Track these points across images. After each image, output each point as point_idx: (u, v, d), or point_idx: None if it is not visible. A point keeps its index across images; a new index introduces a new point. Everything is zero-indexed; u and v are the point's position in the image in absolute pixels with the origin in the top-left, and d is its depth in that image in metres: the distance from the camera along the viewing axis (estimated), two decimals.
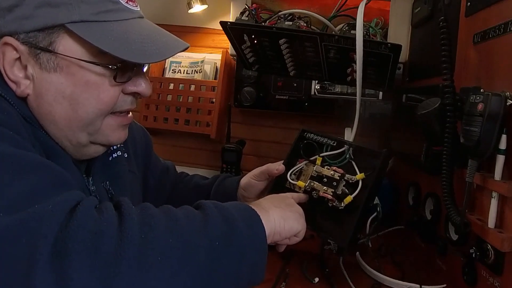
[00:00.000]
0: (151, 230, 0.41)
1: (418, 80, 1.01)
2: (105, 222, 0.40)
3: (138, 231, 0.40)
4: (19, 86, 0.53)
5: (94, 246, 0.37)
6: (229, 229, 0.46)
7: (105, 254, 0.37)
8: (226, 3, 1.27)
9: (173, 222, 0.43)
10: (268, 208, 0.57)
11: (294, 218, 0.60)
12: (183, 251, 0.41)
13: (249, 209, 0.52)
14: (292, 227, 0.59)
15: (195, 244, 0.42)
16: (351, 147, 0.81)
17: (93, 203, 0.42)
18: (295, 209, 0.63)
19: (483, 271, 0.64)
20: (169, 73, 1.47)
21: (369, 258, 0.84)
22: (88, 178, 0.64)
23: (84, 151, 0.60)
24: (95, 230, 0.38)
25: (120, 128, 0.62)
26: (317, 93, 1.21)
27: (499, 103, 0.56)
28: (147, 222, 0.42)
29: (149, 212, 0.44)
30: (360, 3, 0.86)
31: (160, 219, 0.43)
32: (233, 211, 0.49)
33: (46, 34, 0.52)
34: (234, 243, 0.46)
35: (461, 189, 0.64)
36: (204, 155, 1.49)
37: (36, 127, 0.54)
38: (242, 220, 0.48)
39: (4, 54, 0.52)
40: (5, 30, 0.52)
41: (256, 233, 0.49)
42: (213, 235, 0.44)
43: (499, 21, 0.62)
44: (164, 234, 0.41)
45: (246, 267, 0.47)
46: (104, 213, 0.41)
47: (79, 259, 0.36)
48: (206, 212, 0.47)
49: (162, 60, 0.58)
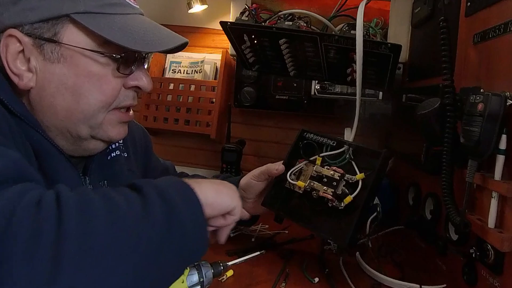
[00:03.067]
0: (91, 222, 0.39)
1: (418, 80, 1.01)
2: (42, 221, 0.37)
3: (76, 225, 0.38)
4: (22, 79, 0.54)
5: (30, 248, 0.35)
6: (169, 210, 0.44)
7: (43, 256, 0.35)
8: (226, 3, 1.27)
9: (113, 211, 0.41)
10: (202, 182, 0.54)
11: (226, 193, 0.56)
12: (126, 241, 0.40)
13: (181, 182, 0.50)
14: (224, 200, 0.55)
15: (137, 231, 0.41)
16: (351, 147, 0.81)
17: (36, 198, 0.39)
18: (229, 186, 0.59)
19: (483, 271, 0.64)
20: (169, 73, 1.47)
21: (369, 258, 0.84)
22: (85, 177, 0.64)
23: (84, 145, 0.60)
24: (31, 231, 0.36)
25: (120, 125, 0.62)
26: (317, 93, 1.21)
27: (499, 103, 0.56)
28: (85, 213, 0.39)
29: (87, 199, 0.41)
30: (360, 3, 0.86)
31: (99, 206, 0.41)
32: (168, 188, 0.47)
33: (51, 25, 0.53)
34: (175, 224, 0.44)
35: (461, 189, 0.64)
36: (204, 155, 1.48)
37: (30, 126, 0.54)
38: (179, 198, 0.46)
39: (7, 47, 0.53)
40: (9, 22, 0.52)
41: (194, 207, 0.48)
42: (154, 219, 0.43)
43: (499, 21, 0.62)
44: (105, 225, 0.39)
45: (189, 244, 0.46)
46: (42, 210, 0.38)
47: (17, 263, 0.34)
48: (143, 193, 0.45)
49: (165, 49, 0.58)
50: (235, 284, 0.74)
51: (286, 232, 0.98)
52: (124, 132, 0.64)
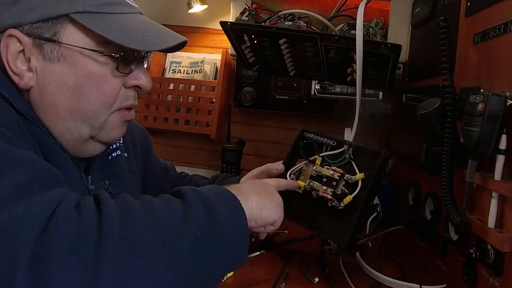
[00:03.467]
0: (132, 227, 0.40)
1: (418, 80, 1.01)
2: (84, 223, 0.39)
3: (118, 230, 0.39)
4: (22, 79, 0.54)
5: (73, 249, 0.36)
6: (211, 218, 0.45)
7: (85, 256, 0.37)
8: (226, 3, 1.27)
9: (154, 217, 0.42)
10: (248, 194, 0.56)
11: (271, 208, 0.59)
12: (165, 247, 0.41)
13: (228, 194, 0.51)
14: (267, 216, 0.57)
15: (177, 238, 0.42)
16: (350, 147, 0.81)
17: (73, 202, 0.41)
18: (274, 199, 0.62)
19: (483, 271, 0.64)
20: (169, 73, 1.47)
21: (369, 258, 0.84)
22: (87, 177, 0.64)
23: (83, 147, 0.61)
24: (74, 233, 0.37)
25: (122, 123, 0.63)
26: (317, 93, 1.21)
27: (499, 103, 0.56)
28: (127, 219, 0.40)
29: (129, 207, 0.42)
30: (360, 3, 0.86)
31: (140, 214, 0.42)
32: (213, 198, 0.48)
33: (50, 25, 0.53)
34: (216, 233, 0.45)
35: (461, 189, 0.64)
36: (204, 155, 1.49)
37: (35, 125, 0.54)
38: (222, 207, 0.48)
39: (8, 47, 0.53)
40: (9, 22, 0.53)
41: (237, 219, 0.49)
42: (195, 227, 0.44)
43: (499, 21, 0.62)
44: (145, 230, 0.40)
45: (228, 254, 0.47)
46: (83, 213, 0.40)
47: (59, 263, 0.35)
48: (187, 201, 0.46)
49: (164, 48, 0.58)
50: (235, 284, 0.74)
51: (286, 232, 0.98)
52: (123, 131, 0.64)
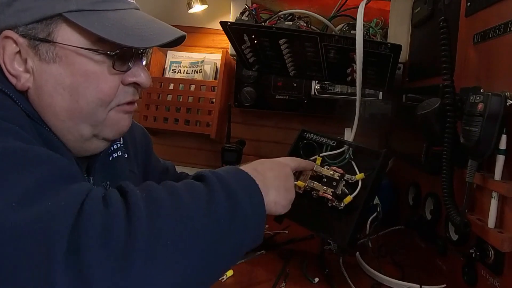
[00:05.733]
0: (159, 217, 0.41)
1: (418, 80, 1.01)
2: (112, 215, 0.40)
3: (146, 221, 0.40)
4: (19, 80, 0.54)
5: (103, 241, 0.38)
6: (233, 205, 0.47)
7: (115, 247, 0.38)
8: (226, 3, 1.27)
9: (179, 205, 0.44)
10: (269, 186, 0.57)
11: (284, 205, 0.60)
12: (191, 235, 0.42)
13: (248, 179, 0.53)
14: (277, 212, 0.59)
15: (201, 226, 0.44)
16: (351, 147, 0.81)
17: (100, 195, 0.42)
18: (289, 197, 0.61)
19: (483, 271, 0.64)
20: (169, 73, 1.47)
21: (369, 258, 0.84)
22: (89, 177, 0.64)
23: (86, 146, 0.60)
24: (103, 225, 0.38)
25: (124, 117, 0.62)
26: (317, 93, 1.21)
27: (499, 103, 0.56)
28: (154, 210, 0.42)
29: (155, 196, 0.44)
30: (360, 3, 0.86)
31: (167, 204, 0.43)
32: (235, 185, 0.50)
33: (44, 25, 0.53)
34: (237, 218, 0.47)
35: (461, 189, 0.64)
36: (204, 155, 1.49)
37: (38, 123, 0.54)
38: (243, 193, 0.49)
39: (4, 48, 0.53)
40: (5, 24, 0.52)
41: (257, 203, 0.51)
42: (218, 214, 0.45)
43: (499, 21, 0.62)
44: (172, 220, 0.42)
45: (248, 237, 0.49)
46: (110, 205, 0.41)
47: (91, 254, 0.37)
48: (210, 188, 0.48)
49: (161, 44, 0.57)
50: (235, 284, 0.74)
51: (286, 232, 0.98)
52: (129, 123, 0.63)
